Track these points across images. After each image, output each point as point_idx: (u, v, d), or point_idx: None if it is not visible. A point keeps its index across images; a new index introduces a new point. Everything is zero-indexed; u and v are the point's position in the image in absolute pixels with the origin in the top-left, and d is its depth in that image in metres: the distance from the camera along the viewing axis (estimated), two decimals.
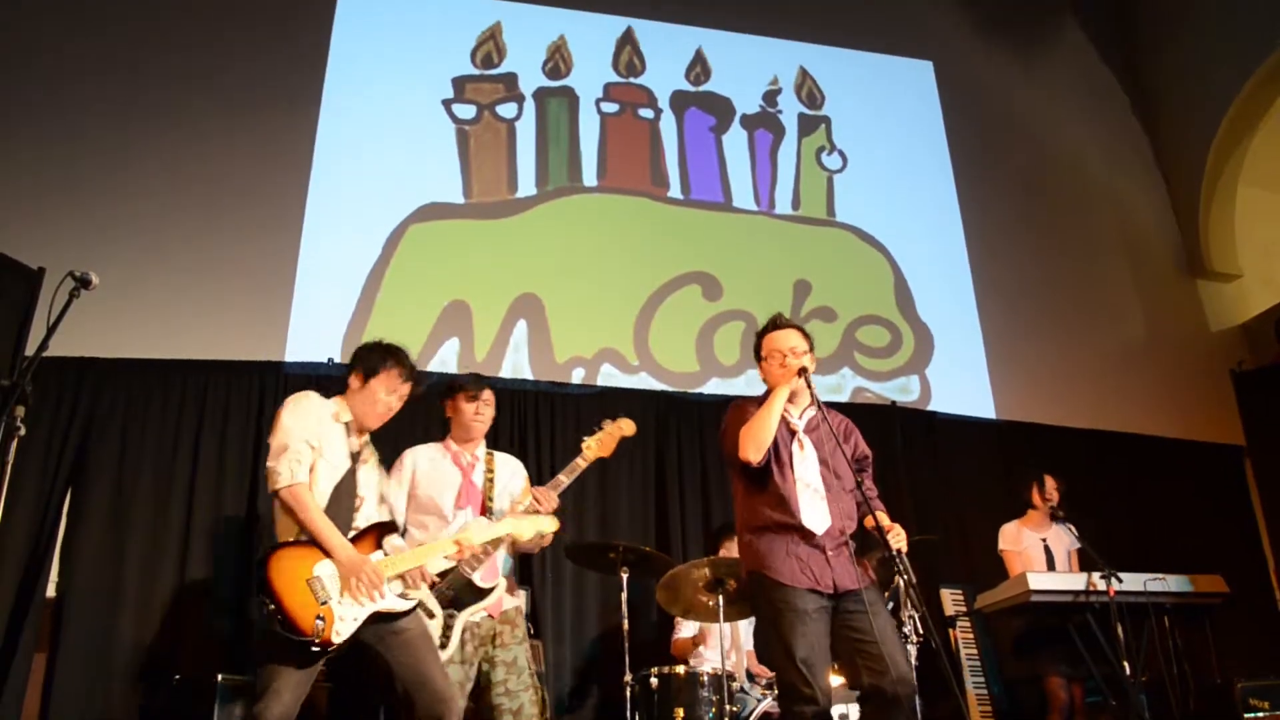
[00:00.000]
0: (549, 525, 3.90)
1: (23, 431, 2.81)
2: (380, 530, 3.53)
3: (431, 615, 3.72)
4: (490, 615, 3.91)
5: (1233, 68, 8.11)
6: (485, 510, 4.05)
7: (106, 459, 5.52)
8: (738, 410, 3.68)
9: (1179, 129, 8.75)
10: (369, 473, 3.65)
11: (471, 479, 4.10)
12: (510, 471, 4.26)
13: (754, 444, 3.46)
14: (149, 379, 5.79)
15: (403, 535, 3.94)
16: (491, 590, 3.91)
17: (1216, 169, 8.33)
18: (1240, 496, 7.61)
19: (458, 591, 3.82)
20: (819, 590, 3.33)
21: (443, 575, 3.82)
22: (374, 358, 3.65)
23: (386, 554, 3.48)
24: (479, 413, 4.16)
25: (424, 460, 4.12)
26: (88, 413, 5.59)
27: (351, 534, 3.44)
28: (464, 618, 3.82)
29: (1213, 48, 8.39)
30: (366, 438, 3.70)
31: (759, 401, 3.64)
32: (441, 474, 4.07)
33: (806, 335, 3.71)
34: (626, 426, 4.13)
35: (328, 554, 3.31)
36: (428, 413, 4.92)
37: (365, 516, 3.55)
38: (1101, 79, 9.18)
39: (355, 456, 3.59)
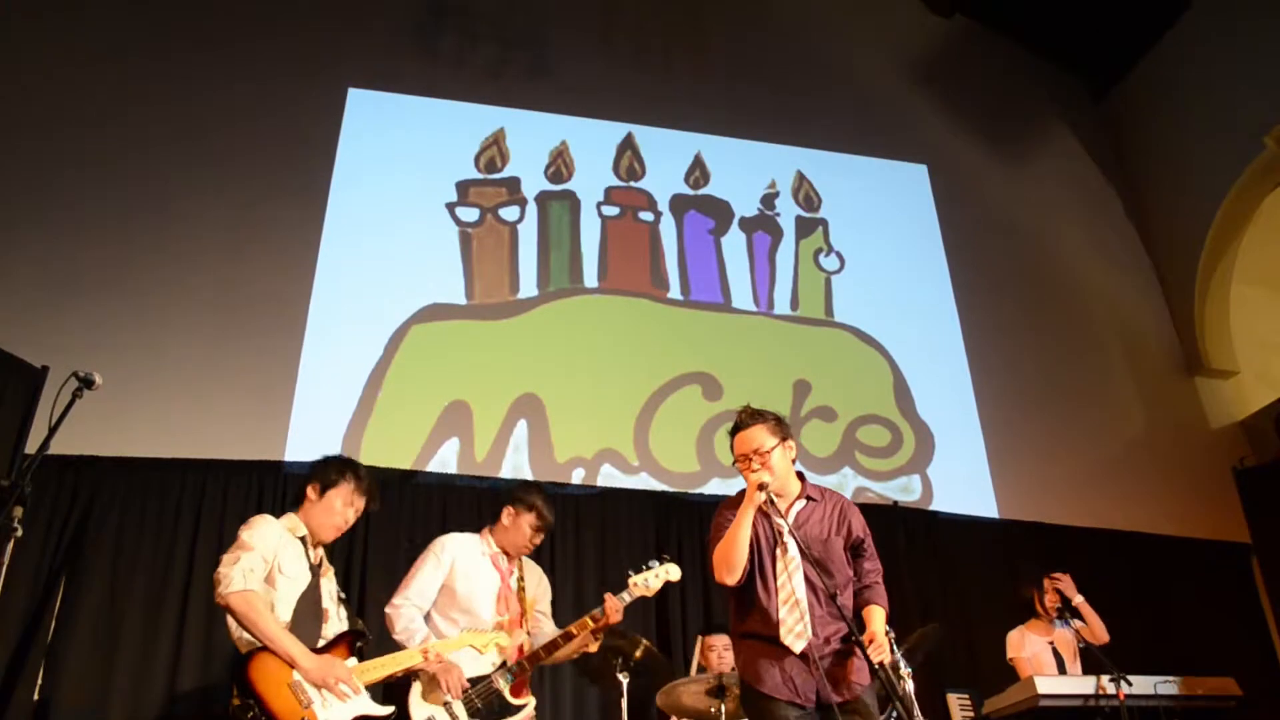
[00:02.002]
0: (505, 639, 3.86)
1: (19, 533, 2.79)
2: (351, 638, 3.50)
3: None
4: None
5: (1221, 168, 8.26)
6: (522, 621, 4.01)
7: (99, 561, 5.45)
8: (718, 517, 3.55)
9: (1171, 228, 8.88)
10: (330, 584, 3.65)
11: (509, 583, 4.07)
12: (537, 579, 4.25)
13: (725, 567, 3.36)
14: (147, 478, 5.75)
15: (426, 620, 3.91)
16: (523, 707, 3.84)
17: (1209, 267, 8.42)
18: (1249, 595, 7.49)
19: (486, 704, 3.75)
20: (798, 704, 3.24)
21: (474, 683, 3.76)
22: (331, 471, 3.68)
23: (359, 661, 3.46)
24: (534, 541, 4.22)
25: (464, 554, 4.10)
26: (83, 513, 5.54)
27: (320, 643, 3.42)
28: None
29: (1201, 149, 8.56)
30: (322, 550, 3.69)
31: (737, 504, 3.48)
32: (481, 573, 4.05)
33: (777, 425, 3.53)
34: (673, 572, 4.08)
35: (289, 662, 3.27)
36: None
37: (333, 629, 3.53)
38: (1093, 180, 9.35)
39: (316, 569, 3.58)
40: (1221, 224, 8.29)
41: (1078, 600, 5.39)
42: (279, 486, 5.87)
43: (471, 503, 6.25)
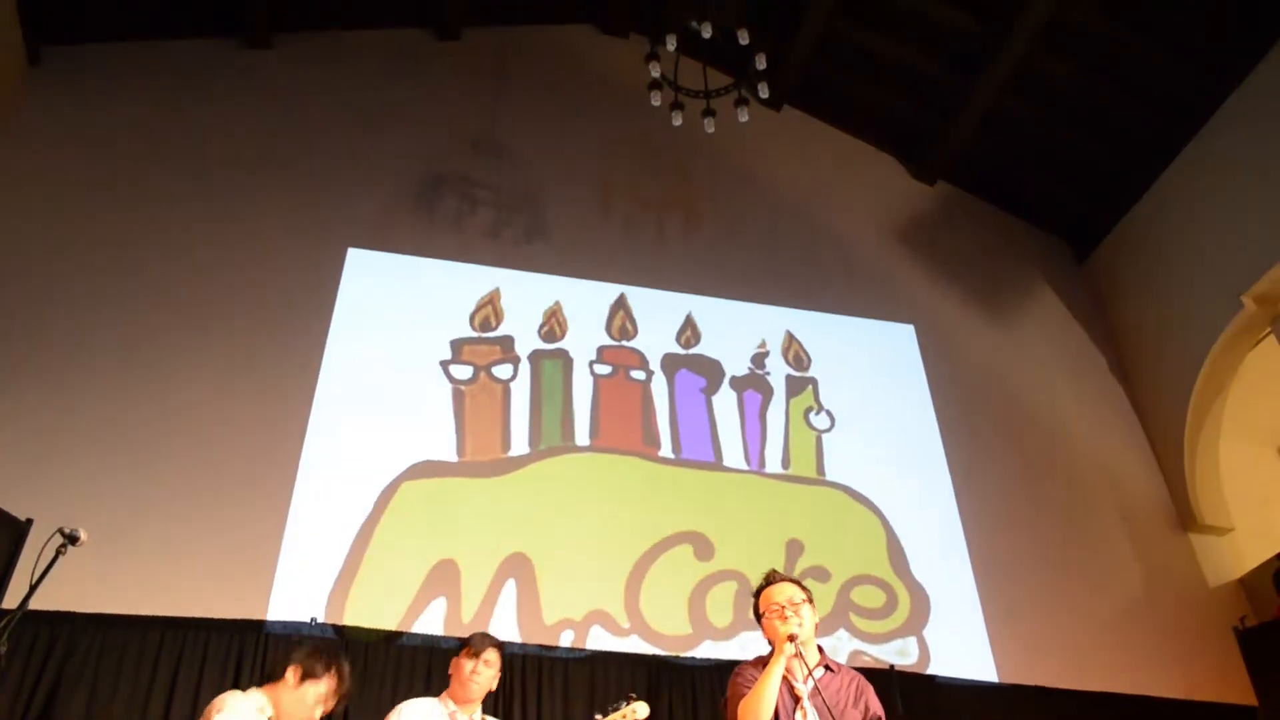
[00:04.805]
0: None
1: None
2: None
3: None
4: None
5: (1202, 326, 8.37)
6: None
7: None
8: (738, 678, 3.53)
9: (1156, 387, 8.96)
10: None
11: None
12: None
13: (755, 719, 3.30)
14: (125, 636, 5.58)
15: None
16: None
17: (1196, 424, 8.45)
18: None
19: None
20: None
21: None
22: (318, 664, 3.54)
23: None
24: (475, 671, 4.05)
25: (419, 718, 3.94)
26: (56, 672, 5.35)
27: None
28: None
29: (1182, 307, 8.70)
30: None
31: (760, 664, 3.50)
32: None
33: (804, 587, 3.62)
34: (641, 710, 3.97)
35: None
36: None
37: None
38: (1078, 339, 9.51)
39: None
40: (1206, 382, 8.37)
41: None
42: (259, 646, 5.71)
43: None
